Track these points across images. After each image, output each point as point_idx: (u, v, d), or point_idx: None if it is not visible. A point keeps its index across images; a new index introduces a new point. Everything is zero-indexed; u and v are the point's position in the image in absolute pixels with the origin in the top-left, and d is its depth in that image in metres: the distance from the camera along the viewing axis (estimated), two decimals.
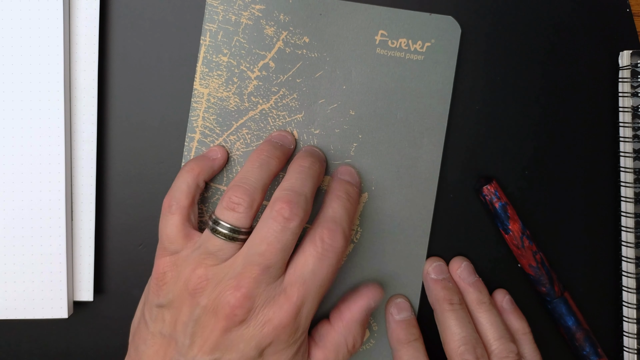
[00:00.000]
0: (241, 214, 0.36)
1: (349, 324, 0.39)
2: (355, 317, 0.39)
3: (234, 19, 0.41)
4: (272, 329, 0.34)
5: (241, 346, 0.34)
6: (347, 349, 0.38)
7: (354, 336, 0.38)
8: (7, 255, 0.42)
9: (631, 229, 0.42)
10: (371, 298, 0.39)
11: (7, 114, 0.41)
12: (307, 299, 0.35)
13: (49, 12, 0.41)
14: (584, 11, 0.44)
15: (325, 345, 0.38)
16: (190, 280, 0.35)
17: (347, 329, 0.38)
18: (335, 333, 0.38)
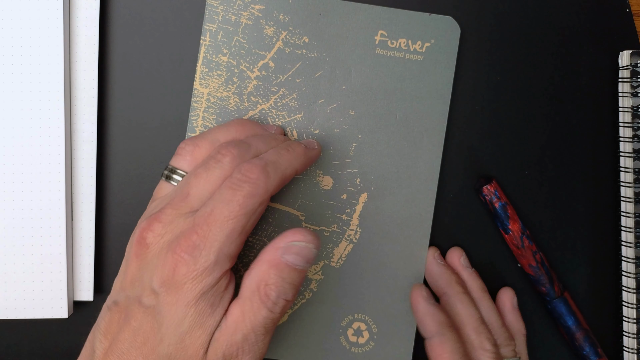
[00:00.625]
0: (181, 156, 0.37)
1: (260, 266, 0.33)
2: (268, 259, 0.33)
3: (234, 19, 0.41)
4: (172, 261, 0.32)
5: (145, 277, 0.33)
6: (259, 298, 0.32)
7: (268, 283, 0.32)
8: (7, 255, 0.42)
9: (631, 228, 0.42)
10: (290, 237, 0.33)
11: (7, 114, 0.42)
12: (213, 231, 0.32)
13: (49, 12, 0.41)
14: (583, 11, 0.44)
15: (240, 294, 0.33)
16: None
17: (258, 273, 0.33)
18: (247, 279, 0.33)
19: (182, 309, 0.32)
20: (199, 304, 0.32)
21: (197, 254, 0.32)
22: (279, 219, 0.41)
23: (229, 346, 0.32)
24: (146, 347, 0.32)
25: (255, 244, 0.41)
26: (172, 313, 0.32)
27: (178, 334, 0.32)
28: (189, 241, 0.32)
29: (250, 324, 0.32)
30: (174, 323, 0.32)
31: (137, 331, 0.32)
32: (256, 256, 0.37)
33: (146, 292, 0.33)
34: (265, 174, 0.34)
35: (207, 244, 0.32)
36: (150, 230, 0.34)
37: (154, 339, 0.32)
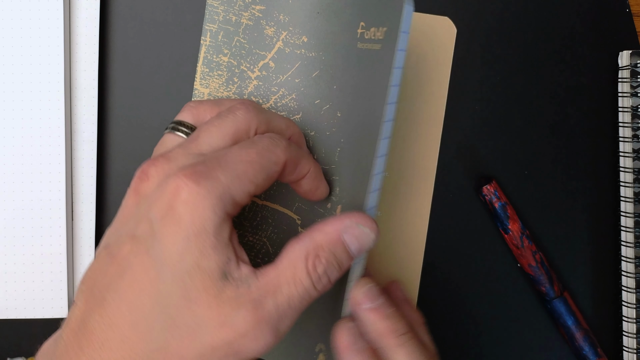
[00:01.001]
0: (186, 111, 0.36)
1: (315, 235, 0.30)
2: (327, 231, 0.31)
3: (235, 19, 0.41)
4: (174, 186, 0.28)
5: (141, 210, 0.30)
6: (305, 266, 0.29)
7: (319, 254, 0.30)
8: (7, 255, 0.42)
9: (630, 228, 0.42)
10: (356, 218, 0.31)
11: (8, 114, 0.42)
12: (223, 167, 0.29)
13: (49, 12, 0.41)
14: (583, 11, 0.44)
15: (281, 259, 0.30)
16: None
17: (312, 241, 0.30)
18: (296, 244, 0.30)
19: (181, 243, 0.28)
20: (200, 241, 0.28)
21: (203, 182, 0.28)
22: (278, 221, 0.41)
23: (254, 310, 0.28)
24: (136, 287, 0.28)
25: (256, 244, 0.41)
26: (169, 247, 0.28)
27: (177, 273, 0.28)
28: (195, 169, 0.29)
29: (287, 291, 0.29)
30: (173, 259, 0.28)
31: (126, 270, 0.29)
32: (257, 256, 0.36)
33: (141, 224, 0.29)
34: (286, 141, 0.32)
35: (214, 175, 0.29)
36: (153, 165, 0.31)
37: (146, 276, 0.28)
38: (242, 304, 0.28)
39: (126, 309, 0.28)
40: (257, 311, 0.28)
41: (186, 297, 0.27)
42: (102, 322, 0.28)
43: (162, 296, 0.28)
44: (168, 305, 0.28)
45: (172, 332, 0.28)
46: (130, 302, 0.28)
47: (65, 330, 0.30)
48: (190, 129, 0.35)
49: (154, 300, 0.28)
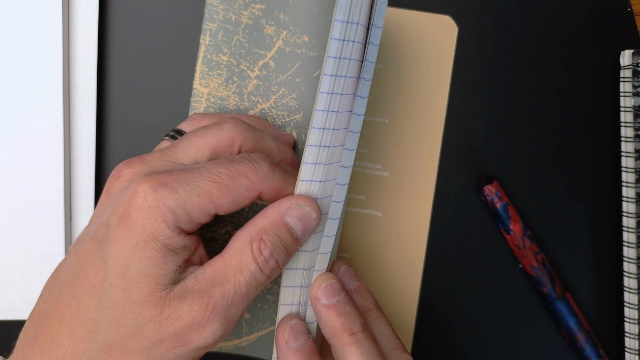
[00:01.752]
0: (188, 121, 0.36)
1: (258, 221, 0.31)
2: (268, 214, 0.31)
3: (234, 18, 0.41)
4: (132, 191, 0.29)
5: (106, 211, 0.30)
6: (251, 252, 0.30)
7: (263, 237, 0.30)
8: (6, 255, 0.42)
9: (632, 229, 0.42)
10: (296, 199, 0.31)
11: (6, 114, 0.41)
12: (188, 182, 0.29)
13: (47, 12, 0.41)
14: (584, 11, 0.44)
15: (227, 249, 0.30)
16: None
17: (255, 227, 0.30)
18: (240, 232, 0.31)
19: (130, 248, 0.28)
20: (149, 250, 0.28)
21: (161, 191, 0.28)
22: None
23: (200, 299, 0.28)
24: (85, 286, 0.29)
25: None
26: (118, 250, 0.28)
27: (122, 276, 0.28)
28: (159, 177, 0.29)
29: (233, 277, 0.29)
30: (120, 263, 0.28)
31: (81, 268, 0.30)
32: None
33: (101, 225, 0.30)
34: (270, 167, 0.31)
35: (174, 187, 0.29)
36: (127, 165, 0.32)
37: (95, 277, 0.29)
38: (188, 295, 0.28)
39: (75, 307, 0.29)
40: (203, 300, 0.28)
41: (130, 300, 0.28)
42: (55, 316, 0.29)
43: (106, 298, 0.28)
44: (112, 307, 0.28)
45: (116, 331, 0.28)
46: (79, 300, 0.29)
47: (28, 321, 0.31)
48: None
49: (98, 301, 0.28)
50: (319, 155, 0.31)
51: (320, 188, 0.31)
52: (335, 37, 0.29)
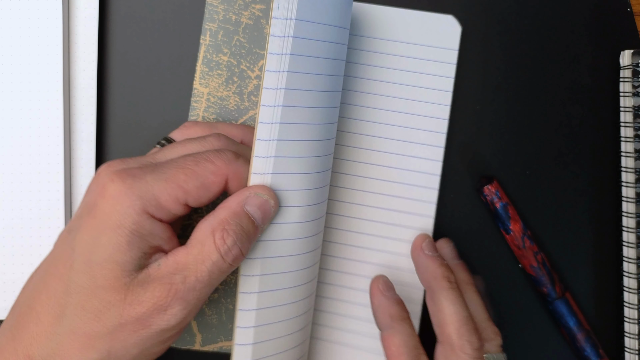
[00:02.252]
0: (179, 130, 0.38)
1: (219, 212, 0.32)
2: (229, 205, 0.32)
3: (235, 18, 0.41)
4: (102, 182, 0.31)
5: (82, 204, 0.32)
6: (213, 242, 0.31)
7: (225, 227, 0.31)
8: (6, 255, 0.42)
9: (632, 229, 0.42)
10: (254, 188, 0.32)
11: (6, 114, 0.41)
12: (154, 171, 0.31)
13: (48, 12, 0.41)
14: (584, 11, 0.44)
15: (190, 240, 0.32)
16: None
17: (216, 218, 0.32)
18: (202, 223, 0.32)
19: (96, 235, 0.30)
20: (115, 236, 0.30)
21: (129, 180, 0.30)
22: None
23: (162, 285, 0.30)
24: (54, 275, 0.30)
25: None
26: (85, 238, 0.30)
27: (88, 263, 0.30)
28: (128, 170, 0.31)
29: (195, 266, 0.30)
30: (86, 250, 0.30)
31: (53, 258, 0.32)
32: None
33: (76, 216, 0.32)
34: (234, 154, 0.33)
35: (141, 176, 0.31)
36: (107, 165, 0.33)
37: (62, 264, 0.30)
38: (151, 282, 0.30)
39: (45, 293, 0.30)
40: (165, 286, 0.30)
41: (95, 286, 0.29)
42: (27, 304, 0.31)
43: (73, 284, 0.30)
44: (78, 292, 0.30)
45: (81, 315, 0.29)
46: (48, 288, 0.30)
47: (9, 311, 0.33)
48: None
49: (65, 287, 0.30)
50: (269, 149, 0.32)
51: (272, 180, 0.33)
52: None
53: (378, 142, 0.42)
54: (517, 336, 0.44)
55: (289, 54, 0.31)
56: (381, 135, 0.42)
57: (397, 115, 0.42)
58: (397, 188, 0.42)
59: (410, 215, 0.42)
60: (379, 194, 0.42)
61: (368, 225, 0.42)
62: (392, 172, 0.42)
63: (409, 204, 0.42)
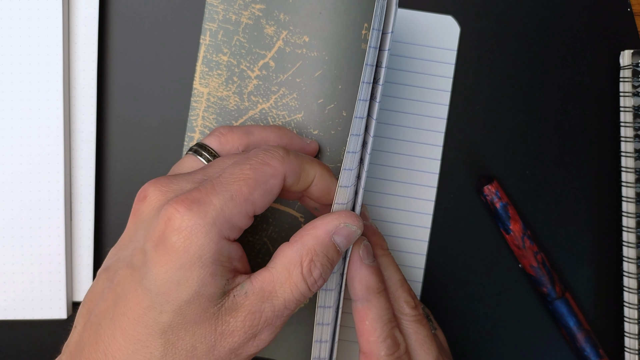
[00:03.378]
0: (213, 136, 0.35)
1: (307, 240, 0.31)
2: (318, 235, 0.31)
3: (234, 18, 0.41)
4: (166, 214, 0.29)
5: (139, 236, 0.30)
6: (301, 272, 0.30)
7: (313, 259, 0.30)
8: (6, 255, 0.42)
9: (632, 229, 0.42)
10: (343, 218, 0.32)
11: (6, 114, 0.41)
12: (217, 189, 0.29)
13: (48, 12, 0.41)
14: (585, 11, 0.44)
15: (274, 265, 0.30)
16: None
17: (304, 247, 0.30)
18: (288, 249, 0.31)
19: (175, 272, 0.28)
20: (197, 270, 0.28)
21: (195, 208, 0.28)
22: (279, 220, 0.41)
23: (252, 313, 0.29)
24: (130, 316, 0.28)
25: (256, 243, 0.41)
26: (162, 277, 0.28)
27: (173, 302, 0.28)
28: (189, 196, 0.29)
29: (283, 295, 0.29)
30: (167, 289, 0.28)
31: (120, 297, 0.29)
32: (257, 256, 0.36)
33: (136, 251, 0.29)
34: (284, 151, 0.32)
35: (207, 200, 0.29)
36: (153, 185, 0.31)
37: (139, 305, 0.28)
38: (240, 310, 0.29)
39: (121, 338, 0.28)
40: (255, 314, 0.29)
41: (185, 322, 0.28)
42: (97, 349, 0.29)
43: (158, 325, 0.28)
44: (166, 332, 0.28)
45: (174, 355, 0.28)
46: (125, 331, 0.28)
47: (64, 353, 0.30)
48: (213, 155, 0.35)
49: (150, 329, 0.28)
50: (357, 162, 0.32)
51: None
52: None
53: (377, 142, 0.42)
54: (517, 336, 0.44)
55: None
56: (380, 135, 0.42)
57: (397, 114, 0.42)
58: (395, 186, 0.42)
59: (409, 212, 0.42)
60: (378, 192, 0.42)
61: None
62: (392, 171, 0.42)
63: (407, 202, 0.42)
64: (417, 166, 0.42)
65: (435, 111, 0.42)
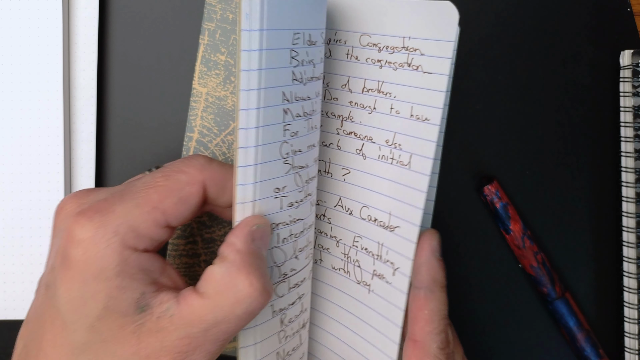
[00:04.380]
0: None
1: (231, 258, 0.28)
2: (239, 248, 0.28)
3: (232, 17, 0.41)
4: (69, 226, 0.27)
5: (52, 251, 0.29)
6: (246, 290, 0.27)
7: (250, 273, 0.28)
8: (6, 255, 0.42)
9: (632, 229, 0.42)
10: (252, 222, 0.29)
11: (6, 114, 0.41)
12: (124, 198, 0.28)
13: (48, 12, 0.41)
14: (584, 11, 0.44)
15: (206, 290, 0.27)
16: None
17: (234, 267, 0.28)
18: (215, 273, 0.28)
19: (80, 288, 0.26)
20: (102, 284, 0.26)
21: (97, 218, 0.26)
22: None
23: (180, 340, 0.27)
24: (47, 339, 0.27)
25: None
26: (68, 294, 0.26)
27: (84, 319, 0.26)
28: (95, 206, 0.27)
29: (221, 312, 0.27)
30: (74, 306, 0.26)
31: (39, 319, 0.28)
32: None
33: (48, 269, 0.28)
34: (206, 159, 0.30)
35: (110, 209, 0.27)
36: (72, 197, 0.29)
37: (53, 327, 0.27)
38: (164, 332, 0.27)
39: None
40: (182, 340, 0.27)
41: (103, 340, 0.26)
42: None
43: (75, 344, 0.26)
44: (84, 352, 0.27)
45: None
46: (47, 354, 0.27)
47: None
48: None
49: (68, 349, 0.27)
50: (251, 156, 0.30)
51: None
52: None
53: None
54: (517, 336, 0.44)
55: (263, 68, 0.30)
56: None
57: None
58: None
59: None
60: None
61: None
62: None
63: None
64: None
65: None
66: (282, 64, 0.29)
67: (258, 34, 0.27)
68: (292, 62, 0.30)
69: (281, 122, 0.30)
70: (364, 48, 0.36)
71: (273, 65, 0.29)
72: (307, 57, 0.31)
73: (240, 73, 0.28)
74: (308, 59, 0.31)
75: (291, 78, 0.30)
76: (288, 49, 0.29)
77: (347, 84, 0.37)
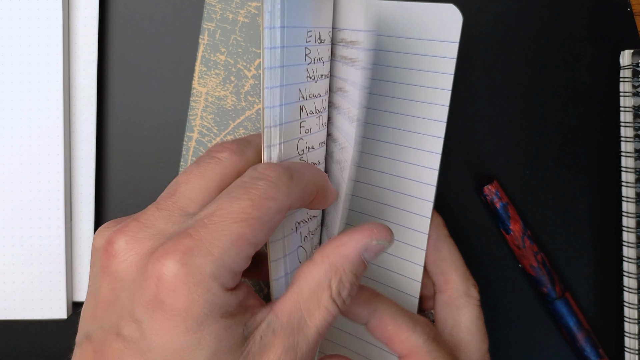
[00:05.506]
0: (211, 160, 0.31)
1: (336, 260, 0.27)
2: (348, 253, 0.28)
3: (232, 17, 0.41)
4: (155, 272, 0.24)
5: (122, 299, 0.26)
6: (329, 294, 0.27)
7: (342, 279, 0.27)
8: (6, 255, 0.42)
9: (632, 229, 0.42)
10: (375, 234, 0.28)
11: (6, 114, 0.42)
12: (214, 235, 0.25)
13: (48, 12, 0.41)
14: (585, 10, 0.44)
15: (300, 289, 0.27)
16: None
17: (332, 267, 0.27)
18: (314, 271, 0.27)
19: (184, 337, 0.24)
20: (206, 329, 0.24)
21: (190, 261, 0.24)
22: None
23: (286, 352, 0.26)
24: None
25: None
26: (168, 344, 0.24)
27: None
28: (180, 245, 0.24)
29: (314, 323, 0.26)
30: (180, 356, 0.24)
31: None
32: None
33: (125, 320, 0.25)
34: (287, 176, 0.27)
35: (203, 250, 0.24)
36: (122, 233, 0.26)
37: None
38: (272, 351, 0.25)
39: None
40: (290, 353, 0.26)
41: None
42: None
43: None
44: None
45: None
46: None
47: None
48: None
49: None
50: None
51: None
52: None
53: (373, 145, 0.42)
54: (517, 336, 0.44)
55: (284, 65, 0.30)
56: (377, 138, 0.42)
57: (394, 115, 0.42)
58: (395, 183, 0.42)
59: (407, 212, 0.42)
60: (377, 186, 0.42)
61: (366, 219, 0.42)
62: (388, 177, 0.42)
63: (406, 199, 0.42)
64: (415, 166, 0.41)
65: (434, 108, 0.41)
66: (299, 61, 0.29)
67: (279, 31, 0.27)
68: (306, 60, 0.30)
69: (298, 119, 0.30)
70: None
71: (291, 63, 0.29)
72: (318, 55, 0.31)
73: (264, 71, 0.27)
74: (319, 57, 0.31)
75: (305, 75, 0.30)
76: (303, 46, 0.29)
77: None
